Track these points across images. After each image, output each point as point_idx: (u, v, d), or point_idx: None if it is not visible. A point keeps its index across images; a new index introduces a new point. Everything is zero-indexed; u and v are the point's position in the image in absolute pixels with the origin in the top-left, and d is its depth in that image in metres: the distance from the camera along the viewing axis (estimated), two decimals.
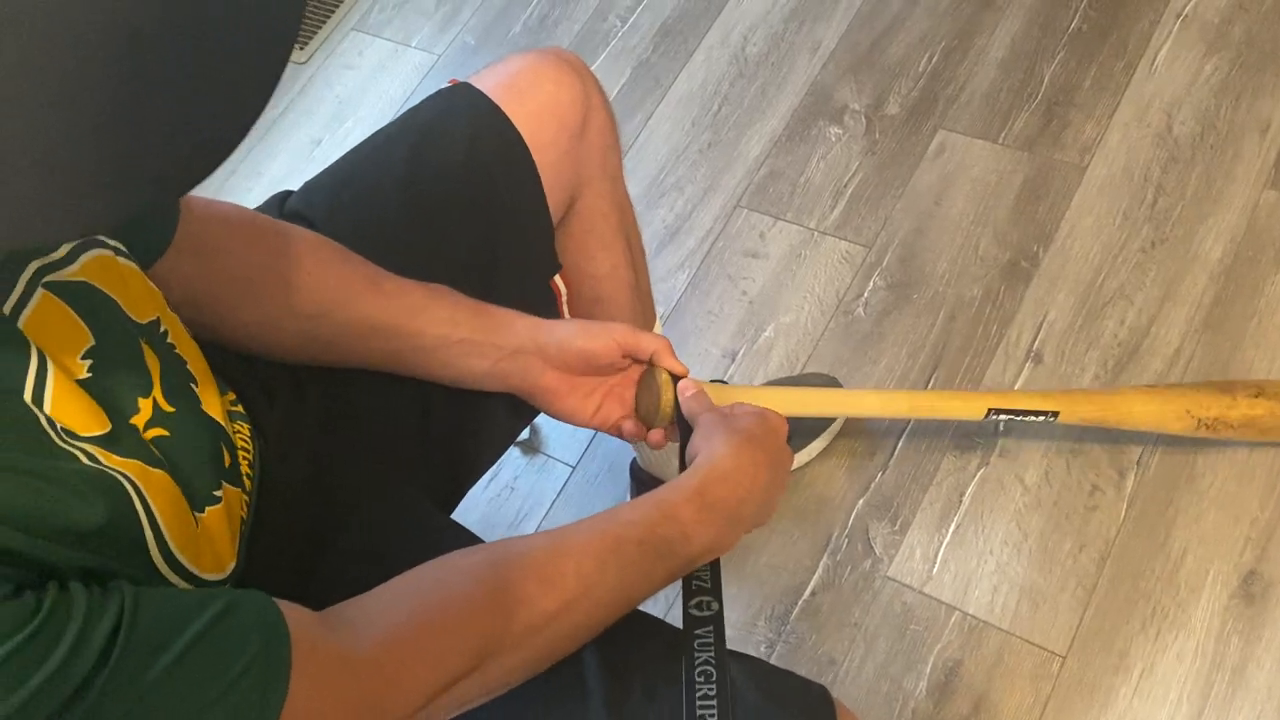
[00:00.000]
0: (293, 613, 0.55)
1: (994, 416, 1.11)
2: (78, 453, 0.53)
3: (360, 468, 0.84)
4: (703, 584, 0.71)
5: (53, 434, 0.52)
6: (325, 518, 0.79)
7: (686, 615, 0.69)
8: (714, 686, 0.64)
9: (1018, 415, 1.12)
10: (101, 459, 0.55)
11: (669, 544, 0.68)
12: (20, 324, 0.54)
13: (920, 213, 1.46)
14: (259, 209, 0.87)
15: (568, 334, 0.83)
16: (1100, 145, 1.46)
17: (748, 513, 0.73)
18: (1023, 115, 1.51)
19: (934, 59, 1.59)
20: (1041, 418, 1.13)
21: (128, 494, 0.55)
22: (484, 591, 0.62)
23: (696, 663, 0.65)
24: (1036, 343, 1.33)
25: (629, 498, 1.33)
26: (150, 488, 0.58)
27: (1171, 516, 1.19)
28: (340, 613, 0.60)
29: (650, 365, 0.87)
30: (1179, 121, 1.45)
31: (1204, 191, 1.39)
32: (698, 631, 0.68)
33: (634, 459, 1.31)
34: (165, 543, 0.58)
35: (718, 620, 0.69)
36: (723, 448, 0.74)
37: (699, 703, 0.63)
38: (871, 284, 1.42)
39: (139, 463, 0.57)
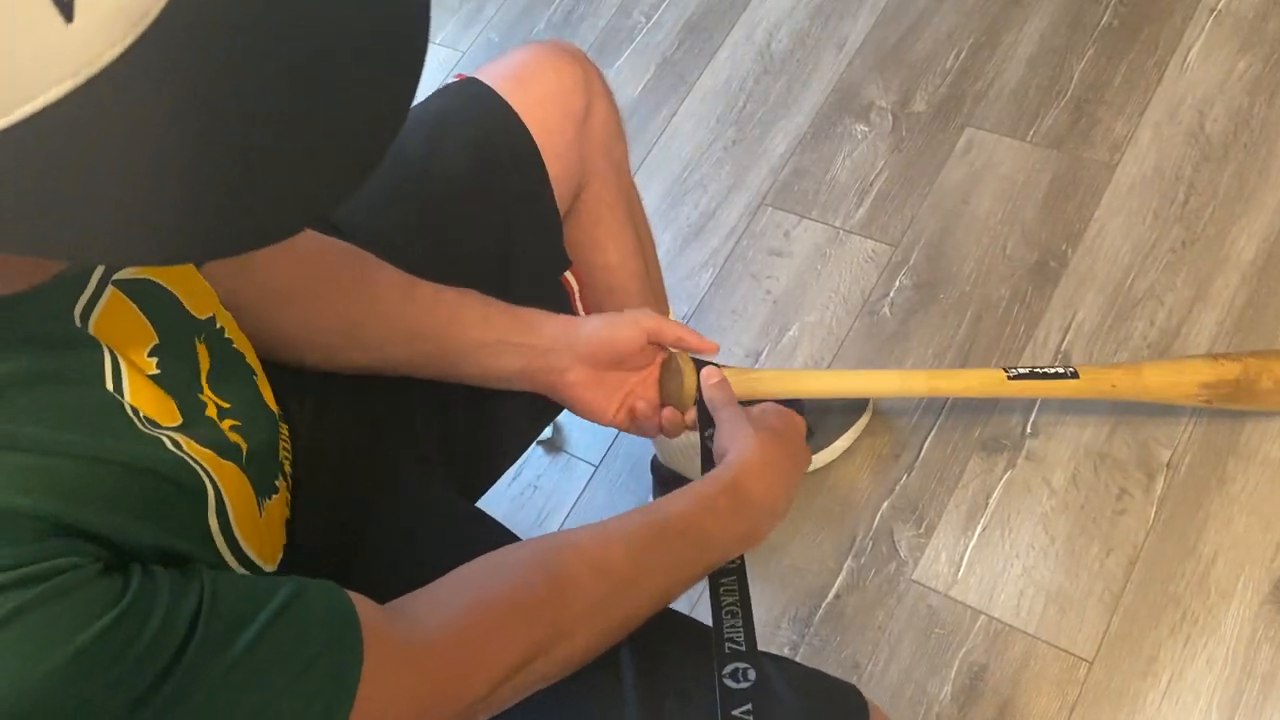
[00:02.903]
0: (361, 603, 0.56)
1: (1013, 380, 1.08)
2: (163, 438, 0.54)
3: (385, 464, 0.85)
4: None
5: (137, 421, 0.53)
6: (355, 513, 0.81)
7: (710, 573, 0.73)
8: (739, 620, 0.68)
9: (1036, 376, 1.09)
10: (184, 445, 0.56)
11: (709, 535, 0.71)
12: (92, 322, 0.55)
13: (947, 211, 1.45)
14: None
15: (595, 326, 0.85)
16: (1131, 143, 1.44)
17: (779, 507, 0.76)
18: (1051, 113, 1.49)
19: (961, 55, 1.58)
20: (1060, 370, 1.11)
21: (203, 483, 0.56)
22: (541, 578, 0.64)
23: (723, 604, 0.70)
24: (1065, 344, 1.32)
25: (651, 496, 1.33)
26: (222, 478, 0.59)
27: (1201, 521, 1.18)
28: (402, 605, 0.61)
29: (672, 351, 0.87)
30: (1211, 119, 1.43)
31: (1236, 191, 1.37)
32: (722, 580, 0.72)
33: (654, 455, 1.30)
34: (232, 532, 0.60)
35: (741, 571, 0.73)
36: (752, 442, 0.76)
37: (726, 634, 0.67)
38: (897, 283, 1.41)
39: (213, 453, 0.59)
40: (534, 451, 1.41)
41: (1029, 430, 1.27)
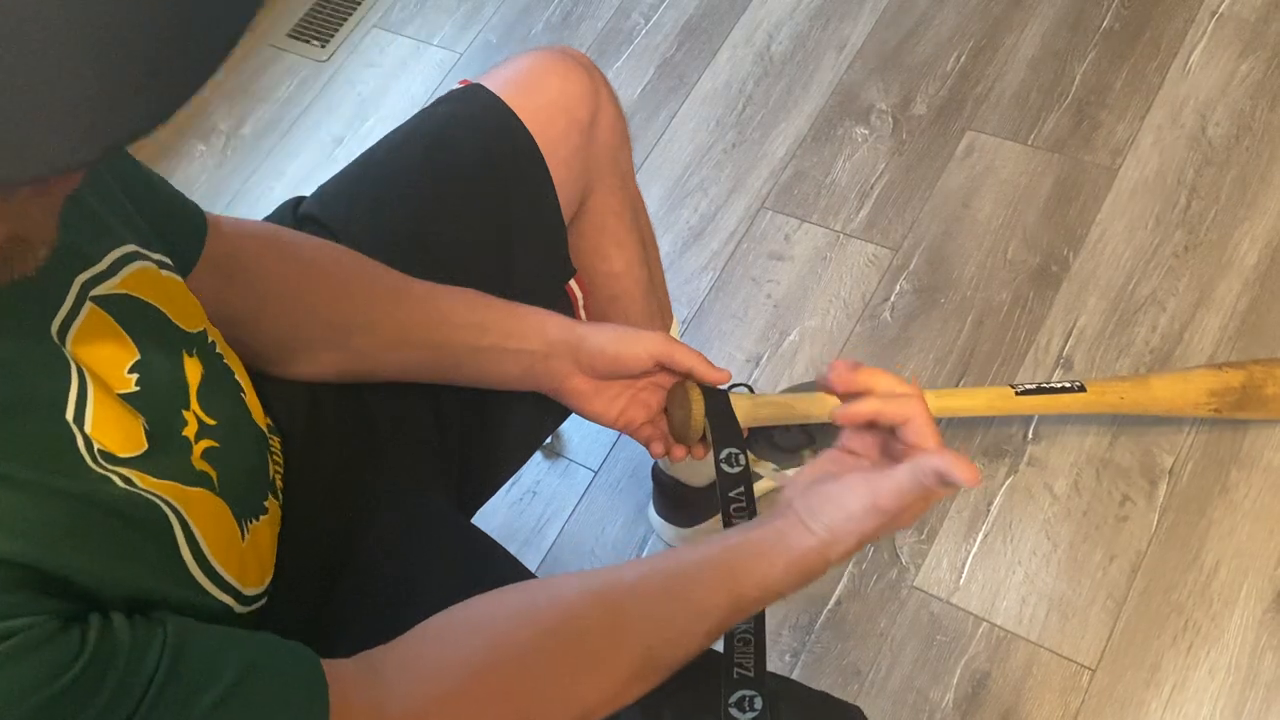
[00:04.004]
0: (329, 668, 0.55)
1: (1021, 395, 1.07)
2: (114, 477, 0.53)
3: (379, 476, 0.83)
4: None
5: (89, 458, 0.51)
6: (347, 528, 0.79)
7: None
8: (750, 648, 0.64)
9: (1044, 391, 1.08)
10: (138, 482, 0.54)
11: (739, 614, 0.64)
12: (70, 338, 0.54)
13: (948, 215, 1.44)
14: (270, 216, 0.87)
15: (601, 342, 0.82)
16: (1132, 147, 1.43)
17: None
18: (1053, 116, 1.48)
19: (962, 58, 1.57)
20: (1068, 384, 1.09)
21: (165, 516, 0.55)
22: (532, 676, 0.59)
23: (736, 631, 0.65)
24: (1066, 349, 1.31)
25: (651, 502, 1.32)
26: (190, 507, 0.57)
27: (1204, 528, 1.17)
28: (376, 665, 0.58)
29: (681, 379, 0.86)
30: (1213, 123, 1.42)
31: (1239, 195, 1.36)
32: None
33: (655, 462, 1.30)
34: (207, 560, 0.58)
35: (758, 615, 0.68)
36: (850, 541, 0.63)
37: (736, 659, 0.64)
38: (898, 287, 1.40)
39: (176, 484, 0.57)
40: (533, 456, 1.40)
41: (1030, 436, 1.26)
